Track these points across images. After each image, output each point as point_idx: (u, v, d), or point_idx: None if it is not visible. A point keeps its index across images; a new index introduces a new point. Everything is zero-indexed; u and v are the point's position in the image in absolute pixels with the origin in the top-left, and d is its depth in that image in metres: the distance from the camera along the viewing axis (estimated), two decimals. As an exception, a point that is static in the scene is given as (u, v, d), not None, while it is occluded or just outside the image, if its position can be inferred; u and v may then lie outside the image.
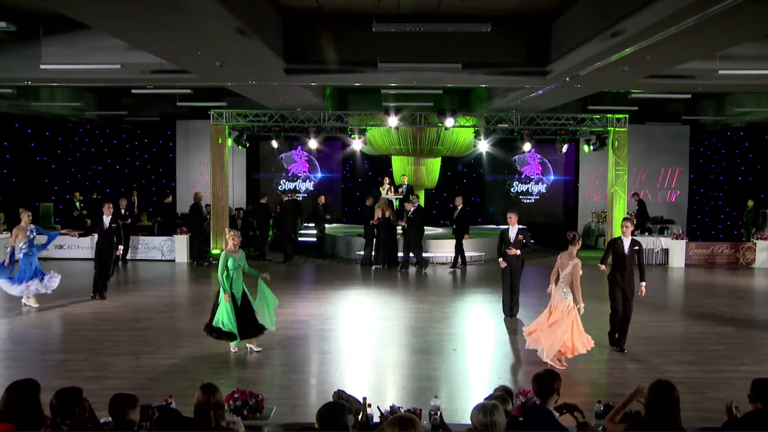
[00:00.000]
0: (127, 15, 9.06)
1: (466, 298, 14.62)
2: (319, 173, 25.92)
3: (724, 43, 11.33)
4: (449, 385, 8.95)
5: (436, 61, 13.10)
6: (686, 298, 15.73)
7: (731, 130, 26.03)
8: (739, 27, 9.40)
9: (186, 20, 9.41)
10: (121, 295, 14.74)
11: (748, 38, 11.58)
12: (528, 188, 26.02)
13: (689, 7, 8.07)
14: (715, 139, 26.42)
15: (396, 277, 17.45)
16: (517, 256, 12.59)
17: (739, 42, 11.61)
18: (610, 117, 19.94)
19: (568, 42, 12.32)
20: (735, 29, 9.57)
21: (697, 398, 8.02)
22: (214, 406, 4.86)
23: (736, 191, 25.75)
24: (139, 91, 19.33)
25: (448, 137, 20.48)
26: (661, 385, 4.74)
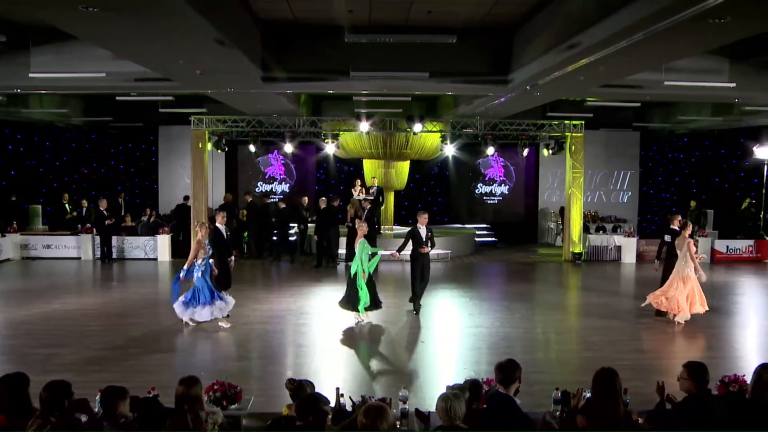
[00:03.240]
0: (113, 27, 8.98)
1: (433, 293, 14.66)
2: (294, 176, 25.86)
3: (669, 57, 11.54)
4: (418, 376, 8.98)
5: (405, 70, 13.14)
6: (637, 291, 15.92)
7: (676, 136, 26.44)
8: (682, 43, 9.56)
9: (168, 31, 9.34)
10: (107, 293, 14.59)
11: (691, 53, 11.83)
12: (491, 190, 26.14)
13: (637, 24, 8.20)
14: (663, 144, 26.80)
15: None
16: (427, 253, 12.67)
17: (682, 56, 11.86)
18: (567, 123, 20.11)
19: (528, 53, 12.42)
20: (679, 45, 9.74)
21: (646, 383, 8.12)
22: (194, 397, 4.85)
23: (681, 192, 26.17)
24: (124, 98, 19.12)
25: (417, 141, 20.51)
26: (604, 372, 4.82)
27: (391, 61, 13.17)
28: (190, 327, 11.15)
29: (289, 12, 12.25)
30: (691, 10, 7.38)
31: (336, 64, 13.42)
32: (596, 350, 10.17)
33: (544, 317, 12.67)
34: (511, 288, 15.66)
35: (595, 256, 20.32)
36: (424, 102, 21.32)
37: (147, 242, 19.51)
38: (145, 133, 24.73)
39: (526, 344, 10.63)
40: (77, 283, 16.12)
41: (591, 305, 13.78)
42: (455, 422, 4.41)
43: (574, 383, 6.02)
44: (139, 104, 20.59)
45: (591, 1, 9.47)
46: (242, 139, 20.96)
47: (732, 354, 10.33)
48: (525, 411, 5.14)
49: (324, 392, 5.08)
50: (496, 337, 10.93)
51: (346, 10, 11.95)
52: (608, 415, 4.66)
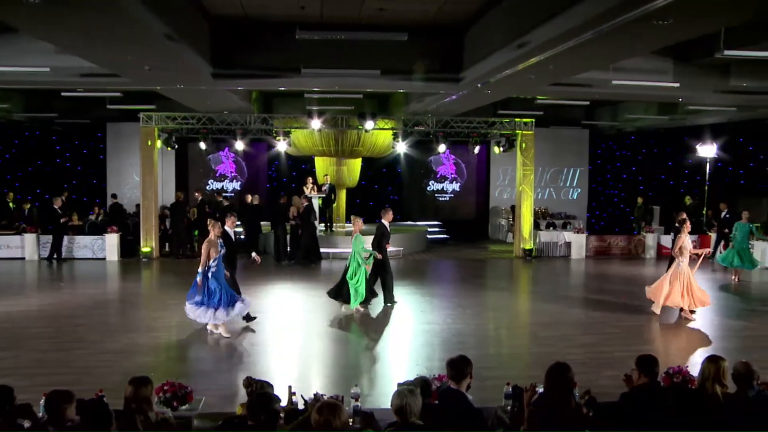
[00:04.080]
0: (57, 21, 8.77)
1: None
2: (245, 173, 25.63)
3: (616, 57, 11.79)
4: (370, 373, 9.01)
5: (356, 68, 13.14)
6: (586, 287, 16.24)
7: (624, 134, 27.02)
8: (628, 43, 9.77)
9: (115, 26, 9.15)
10: (53, 293, 14.26)
11: (636, 53, 12.11)
12: (443, 187, 26.33)
13: (585, 24, 8.36)
14: (611, 142, 27.38)
15: (318, 271, 17.43)
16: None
17: (628, 56, 12.14)
18: (518, 121, 20.36)
19: (479, 51, 12.53)
20: (625, 45, 9.95)
21: (595, 377, 8.29)
22: (144, 398, 4.78)
23: (629, 189, 26.77)
24: (69, 93, 18.66)
25: (368, 139, 20.56)
26: (557, 366, 4.91)
27: (342, 58, 13.16)
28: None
29: (240, 8, 12.14)
30: (636, 11, 7.56)
31: (287, 62, 13.35)
32: (547, 345, 10.32)
33: (495, 313, 12.82)
34: (463, 285, 15.79)
35: (546, 253, 20.63)
36: (376, 99, 21.34)
37: (95, 241, 19.10)
38: (92, 130, 24.21)
39: (477, 340, 10.73)
40: (21, 284, 15.70)
41: (541, 301, 13.98)
42: (411, 419, 4.42)
43: (526, 378, 6.11)
44: (86, 100, 20.18)
45: (540, 1, 9.60)
46: (193, 136, 20.69)
47: (676, 346, 10.61)
48: (477, 406, 5.19)
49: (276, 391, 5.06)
50: (448, 333, 11.01)
51: (298, 7, 11.90)
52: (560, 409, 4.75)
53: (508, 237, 23.39)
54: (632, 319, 12.09)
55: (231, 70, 13.47)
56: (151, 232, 19.13)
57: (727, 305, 13.77)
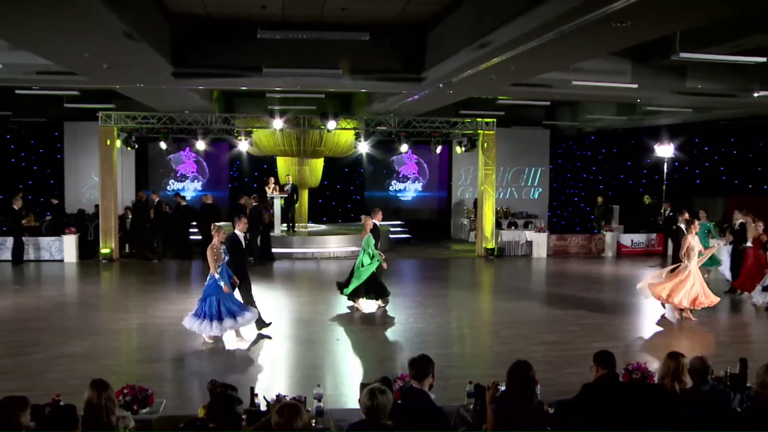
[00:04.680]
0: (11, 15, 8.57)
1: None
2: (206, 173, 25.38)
3: (576, 58, 11.95)
4: (333, 373, 9.00)
5: (318, 67, 13.10)
6: (548, 285, 16.43)
7: (584, 134, 27.41)
8: (588, 44, 9.92)
9: (72, 23, 8.99)
10: (9, 296, 13.94)
11: (596, 54, 12.30)
12: (405, 187, 26.39)
13: (546, 25, 8.46)
14: (571, 142, 27.74)
15: (282, 272, 17.35)
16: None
17: (588, 57, 12.32)
18: (479, 121, 20.49)
19: (441, 51, 12.59)
20: (585, 46, 10.10)
21: (556, 374, 8.40)
22: (105, 402, 4.70)
23: (589, 189, 27.16)
24: (25, 91, 18.22)
25: (331, 139, 20.51)
26: (519, 365, 4.96)
27: (304, 58, 13.09)
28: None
29: (202, 7, 12.02)
30: (595, 13, 7.68)
31: (249, 61, 13.25)
32: (509, 344, 10.41)
33: (457, 312, 12.90)
34: (425, 284, 15.85)
35: (508, 252, 20.80)
36: (338, 99, 21.32)
37: (52, 243, 18.72)
38: (49, 129, 23.70)
39: (440, 339, 10.79)
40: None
41: (503, 300, 14.10)
42: (382, 419, 4.38)
43: (488, 377, 6.15)
44: (42, 98, 19.74)
45: (502, 2, 9.68)
46: (153, 136, 20.41)
47: (636, 343, 10.79)
48: (439, 405, 5.22)
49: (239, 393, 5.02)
50: (411, 332, 11.05)
51: (259, 6, 11.83)
52: (521, 407, 4.80)
53: (471, 236, 23.52)
54: (593, 317, 12.25)
55: (192, 69, 13.32)
56: (111, 233, 18.82)
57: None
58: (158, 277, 16.28)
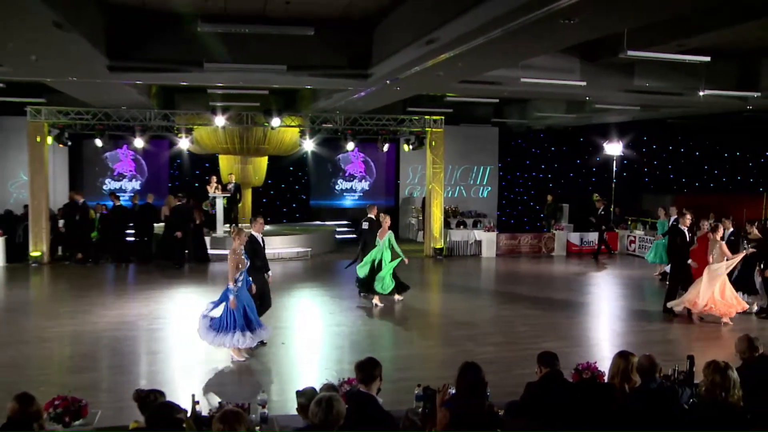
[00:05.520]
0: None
1: (293, 292, 14.63)
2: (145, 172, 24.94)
3: (524, 55, 12.15)
4: (279, 378, 8.97)
5: (262, 63, 13.01)
6: (498, 285, 16.64)
7: (533, 132, 27.87)
8: (536, 41, 10.07)
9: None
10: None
11: (545, 51, 12.50)
12: (352, 186, 26.43)
13: (493, 21, 8.57)
14: (521, 140, 28.17)
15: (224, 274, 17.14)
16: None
17: (537, 54, 12.53)
18: (427, 118, 20.63)
19: (388, 47, 12.63)
20: (533, 43, 10.25)
21: (506, 375, 8.53)
22: (31, 415, 4.58)
23: (539, 187, 27.63)
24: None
25: (275, 136, 20.42)
26: (468, 366, 5.03)
27: (247, 53, 12.98)
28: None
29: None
30: (543, 10, 7.82)
31: (189, 55, 13.06)
32: (458, 345, 10.52)
33: (405, 314, 12.97)
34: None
35: (456, 251, 21.00)
36: (283, 96, 21.20)
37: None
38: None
39: (388, 341, 10.85)
40: None
41: (453, 301, 14.24)
42: (338, 424, 4.31)
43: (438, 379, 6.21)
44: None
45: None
46: (88, 132, 19.93)
47: (586, 343, 11.02)
48: (387, 409, 5.26)
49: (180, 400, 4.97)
50: (358, 335, 11.08)
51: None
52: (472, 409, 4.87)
53: (419, 236, 23.66)
54: (544, 317, 12.49)
55: (129, 62, 13.05)
56: (42, 235, 18.33)
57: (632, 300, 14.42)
58: (93, 281, 15.92)
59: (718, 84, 15.49)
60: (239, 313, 9.36)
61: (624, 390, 5.52)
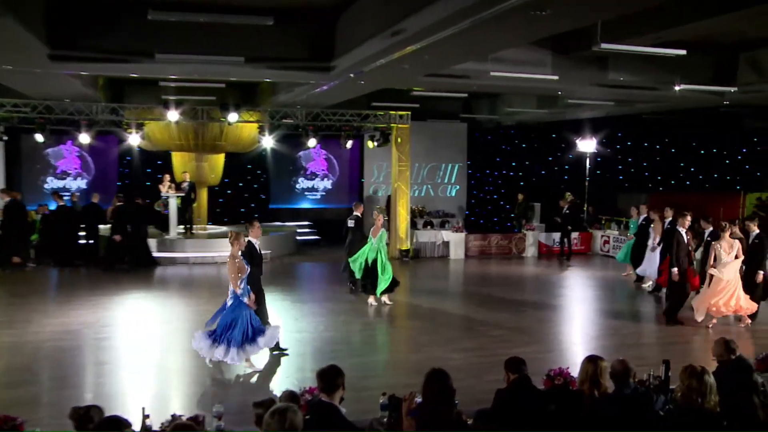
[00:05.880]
0: None
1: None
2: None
3: (494, 47, 12.20)
4: (237, 388, 8.89)
5: (218, 54, 12.89)
6: (467, 288, 16.71)
7: (504, 128, 28.06)
8: (506, 33, 10.13)
9: None
10: None
11: (515, 43, 12.58)
12: (313, 185, 26.34)
13: (462, 12, 8.59)
14: (490, 136, 28.32)
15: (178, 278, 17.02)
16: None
17: (507, 46, 12.59)
18: (393, 114, 20.65)
19: (352, 39, 12.61)
20: (503, 35, 10.31)
21: (476, 382, 8.55)
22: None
23: (509, 186, 27.82)
24: None
25: (232, 132, 20.28)
26: (435, 373, 5.03)
27: (202, 43, 12.84)
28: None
29: (83, -18, 11.63)
30: (513, 0, 7.85)
31: (139, 45, 12.88)
32: (425, 351, 10.54)
33: (370, 319, 12.96)
34: (336, 289, 15.80)
35: (424, 253, 21.04)
36: (240, 89, 21.05)
37: None
38: None
39: (352, 348, 10.83)
40: None
41: (420, 304, 14.25)
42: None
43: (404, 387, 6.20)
44: None
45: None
46: (27, 126, 19.51)
47: (558, 347, 11.12)
48: (351, 420, 5.23)
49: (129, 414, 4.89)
50: (321, 342, 11.05)
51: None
52: (439, 418, 4.86)
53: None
54: (514, 321, 12.57)
55: (72, 51, 12.79)
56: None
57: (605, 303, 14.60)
58: (34, 287, 15.60)
59: (694, 78, 15.74)
60: (244, 327, 9.23)
61: (594, 396, 5.56)
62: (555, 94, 19.52)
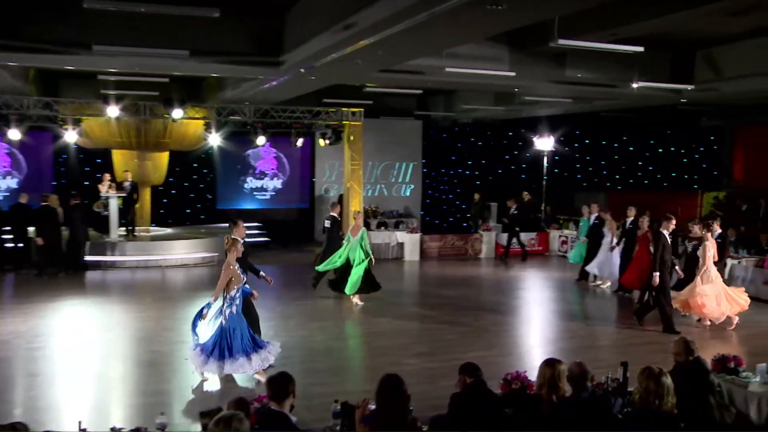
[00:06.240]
0: None
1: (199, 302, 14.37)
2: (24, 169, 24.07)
3: (449, 42, 12.31)
4: (180, 399, 8.82)
5: (161, 47, 12.77)
6: (422, 291, 16.80)
7: (459, 126, 28.26)
8: (461, 28, 10.24)
9: None
10: None
11: (471, 39, 12.70)
12: (263, 184, 26.17)
13: (416, 5, 8.67)
14: (446, 134, 28.49)
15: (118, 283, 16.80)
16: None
17: (463, 42, 12.70)
18: (345, 111, 20.67)
19: (302, 32, 12.59)
20: (458, 29, 10.41)
21: (431, 387, 8.63)
22: None
23: (465, 185, 28.01)
24: None
25: (177, 129, 20.08)
26: (389, 379, 5.08)
27: (144, 35, 12.71)
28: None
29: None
30: (469, -6, 7.97)
31: (75, 35, 12.69)
32: (379, 356, 10.60)
33: (323, 323, 12.94)
34: (286, 293, 15.76)
35: (377, 254, 20.97)
36: (185, 84, 20.86)
37: None
38: None
39: (303, 354, 10.81)
40: None
41: (373, 308, 14.27)
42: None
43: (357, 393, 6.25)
44: None
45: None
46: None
47: (516, 350, 11.27)
48: (302, 429, 5.26)
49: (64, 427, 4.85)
50: (271, 348, 11.01)
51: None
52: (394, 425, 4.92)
53: (337, 239, 23.62)
54: (471, 324, 12.70)
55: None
56: None
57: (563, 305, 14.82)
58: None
59: (652, 76, 16.10)
60: (245, 337, 9.10)
61: (552, 401, 5.66)
62: (512, 90, 19.75)
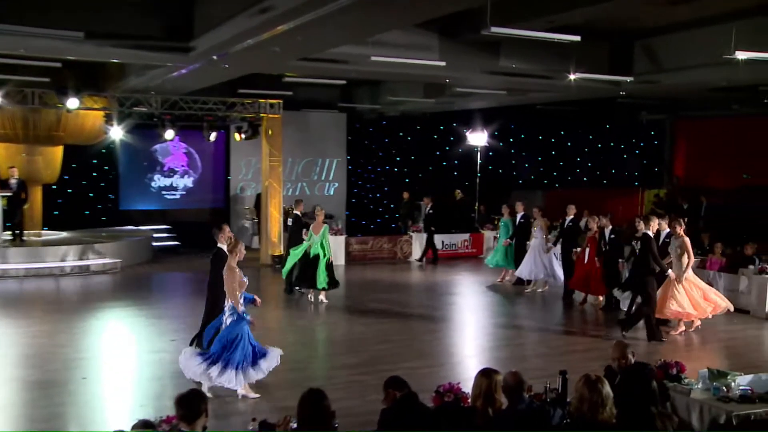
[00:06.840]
0: None
1: (99, 314, 14.12)
2: None
3: (374, 29, 12.35)
4: (79, 422, 8.61)
5: (51, 27, 12.41)
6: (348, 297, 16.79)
7: (387, 119, 28.32)
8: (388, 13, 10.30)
9: None
10: None
11: (398, 26, 12.77)
12: (172, 182, 25.77)
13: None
14: (372, 128, 28.55)
15: (3, 294, 16.32)
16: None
17: (389, 28, 12.76)
18: (262, 102, 20.52)
19: (214, 16, 12.46)
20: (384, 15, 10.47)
21: (359, 402, 8.62)
22: None
23: (393, 183, 28.11)
24: None
25: (72, 121, 19.70)
26: (311, 394, 5.06)
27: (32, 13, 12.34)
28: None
29: None
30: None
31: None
32: (302, 369, 10.55)
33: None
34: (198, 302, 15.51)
35: (298, 259, 20.98)
36: (82, 70, 20.39)
37: None
38: None
39: (218, 369, 10.67)
40: None
41: (296, 318, 14.26)
42: None
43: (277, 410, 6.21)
44: None
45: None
46: None
47: (449, 360, 11.35)
48: (216, 450, 5.19)
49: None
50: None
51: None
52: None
53: (254, 241, 23.46)
54: (401, 333, 12.76)
55: None
56: None
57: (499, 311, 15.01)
58: None
59: (589, 67, 16.40)
60: (246, 347, 9.14)
61: (488, 413, 5.70)
62: (443, 81, 19.91)
